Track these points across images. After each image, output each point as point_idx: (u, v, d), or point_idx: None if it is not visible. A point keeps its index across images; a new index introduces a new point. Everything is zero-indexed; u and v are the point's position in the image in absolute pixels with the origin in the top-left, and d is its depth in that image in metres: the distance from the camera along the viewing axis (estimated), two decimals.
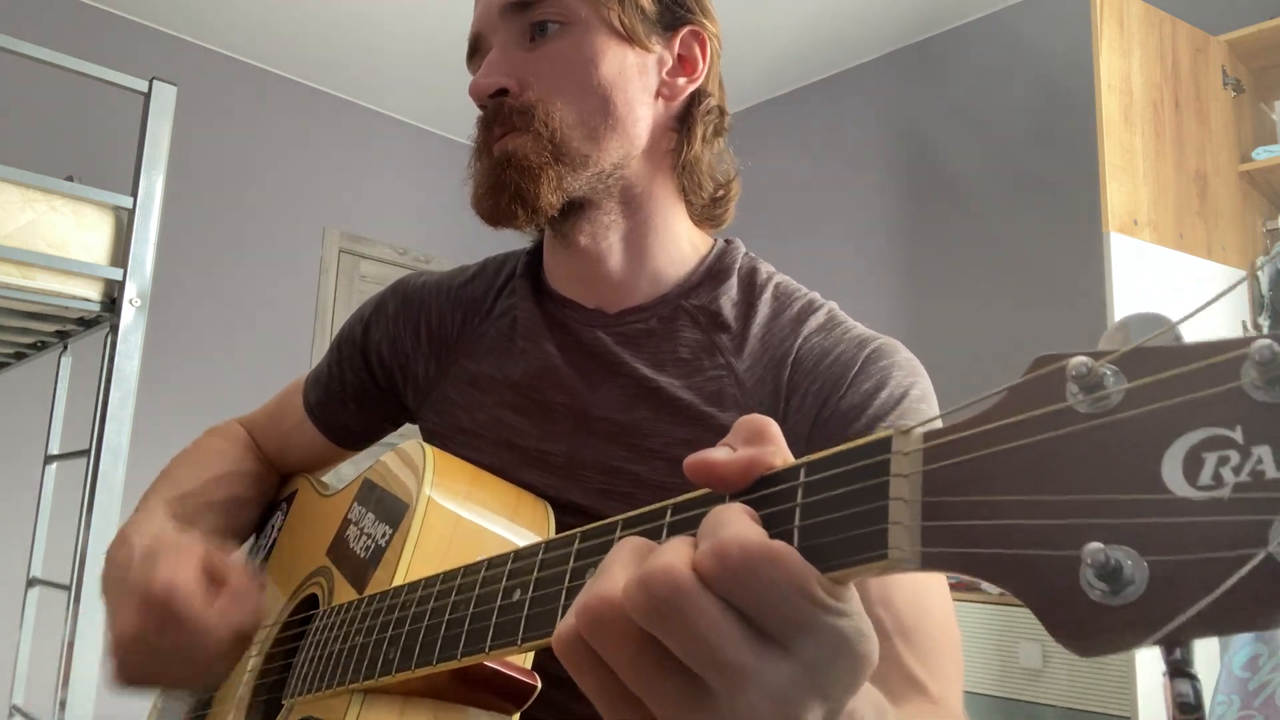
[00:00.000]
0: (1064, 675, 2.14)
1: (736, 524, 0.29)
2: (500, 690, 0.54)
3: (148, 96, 1.77)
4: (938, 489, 0.27)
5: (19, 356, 2.23)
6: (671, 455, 0.67)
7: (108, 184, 1.78)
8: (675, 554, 0.29)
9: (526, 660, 0.57)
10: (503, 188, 0.67)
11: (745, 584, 0.28)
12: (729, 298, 0.72)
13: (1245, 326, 2.22)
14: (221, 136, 3.53)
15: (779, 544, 0.28)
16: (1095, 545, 0.23)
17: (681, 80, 0.72)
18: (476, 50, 0.73)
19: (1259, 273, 2.23)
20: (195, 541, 0.68)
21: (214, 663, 0.64)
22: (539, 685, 0.55)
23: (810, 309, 0.72)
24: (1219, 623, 0.21)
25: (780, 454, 0.33)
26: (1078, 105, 2.70)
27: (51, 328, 1.94)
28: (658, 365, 0.70)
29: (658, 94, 0.71)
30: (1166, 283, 2.13)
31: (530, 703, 0.55)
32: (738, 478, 0.33)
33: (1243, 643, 1.51)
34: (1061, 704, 2.14)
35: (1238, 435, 0.22)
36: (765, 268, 0.76)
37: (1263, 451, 0.21)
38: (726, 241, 0.78)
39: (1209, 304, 0.24)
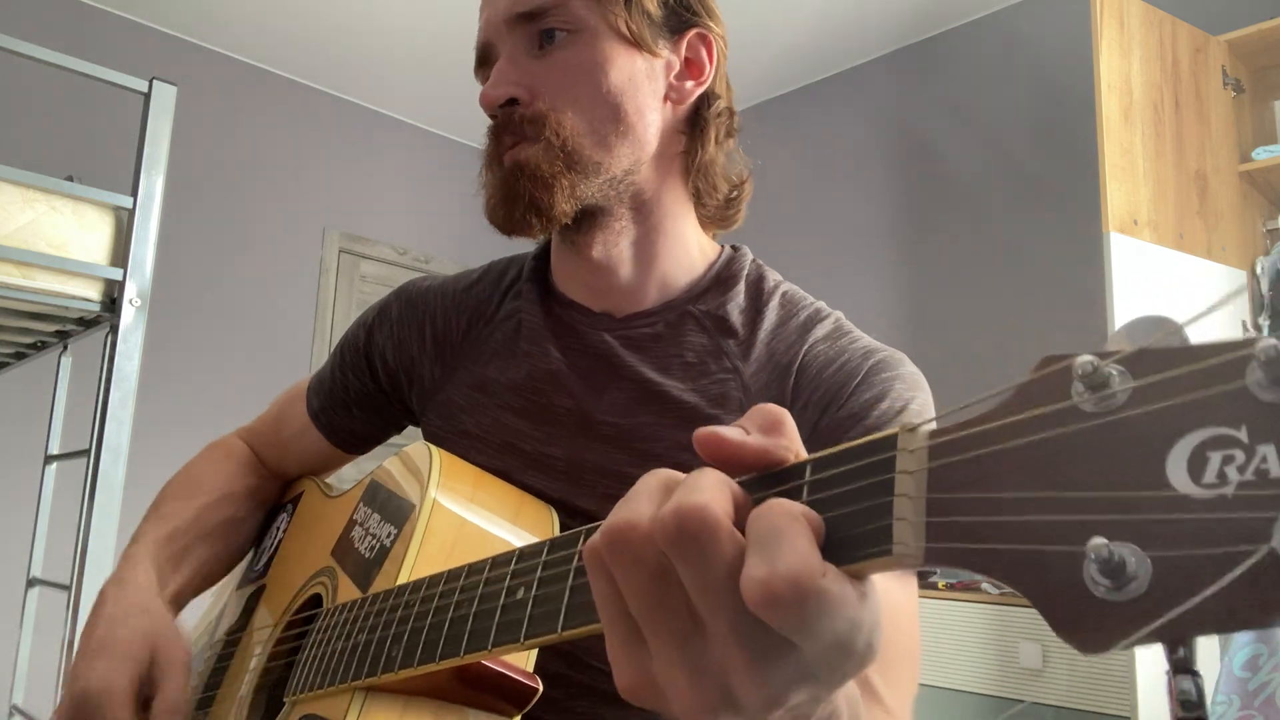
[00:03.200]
0: (1064, 675, 2.14)
1: (783, 504, 0.30)
2: (502, 692, 0.54)
3: (148, 96, 1.77)
4: (942, 485, 0.27)
5: (19, 356, 2.23)
6: (675, 459, 0.66)
7: (108, 184, 1.78)
8: (715, 492, 0.30)
9: (529, 663, 0.57)
10: (517, 198, 0.67)
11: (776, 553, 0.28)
12: (736, 304, 0.73)
13: (1245, 326, 2.23)
14: (221, 136, 3.53)
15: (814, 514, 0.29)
16: (1099, 540, 0.23)
17: (689, 84, 0.72)
18: (485, 60, 0.73)
19: (1259, 273, 2.24)
20: (151, 633, 0.68)
21: None
22: (540, 688, 0.55)
23: (817, 317, 0.72)
24: (1222, 619, 0.21)
25: (793, 450, 0.33)
26: (1078, 105, 2.70)
27: (51, 328, 1.94)
28: (663, 369, 0.70)
29: (666, 98, 0.71)
30: (1166, 283, 2.13)
31: (531, 705, 0.55)
32: (746, 462, 0.33)
33: (1243, 643, 1.51)
34: (1061, 704, 2.14)
35: (1243, 435, 0.22)
36: (772, 275, 0.77)
37: (1267, 450, 0.21)
38: (734, 248, 0.78)
39: (1214, 308, 0.24)
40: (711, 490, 0.30)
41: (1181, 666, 0.22)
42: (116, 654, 0.66)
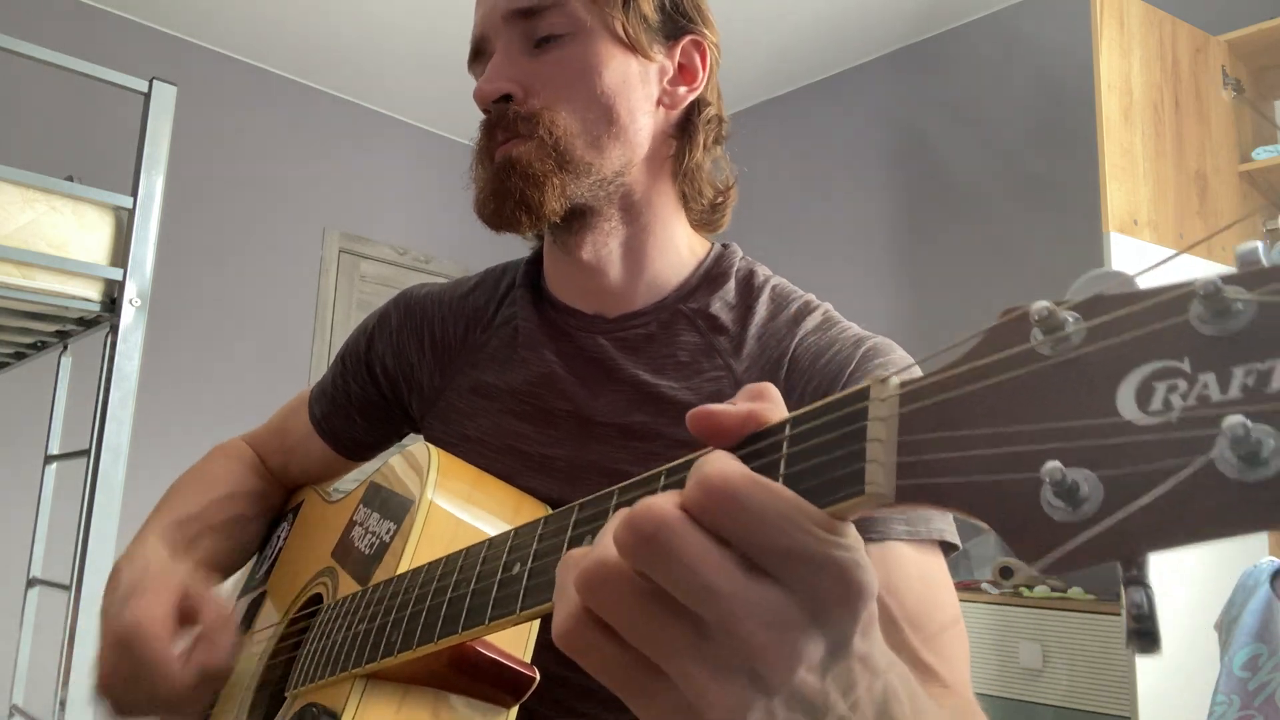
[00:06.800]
0: (1064, 675, 2.14)
1: (720, 460, 0.30)
2: (499, 681, 0.54)
3: (148, 96, 1.78)
4: (912, 429, 0.29)
5: (19, 356, 2.23)
6: (672, 457, 0.67)
7: (108, 184, 1.78)
8: (660, 496, 0.30)
9: (527, 654, 0.57)
10: (507, 194, 0.67)
11: (731, 514, 0.29)
12: (726, 301, 0.73)
13: None
14: (221, 136, 3.53)
15: (762, 476, 0.30)
16: (1054, 464, 0.24)
17: (682, 89, 0.72)
18: (480, 53, 0.73)
19: None
20: (177, 575, 0.68)
21: (178, 704, 0.64)
22: (537, 677, 0.55)
23: (807, 310, 0.72)
24: (1169, 532, 0.23)
25: (777, 411, 0.34)
26: (1078, 105, 2.70)
27: (51, 328, 1.94)
28: (657, 370, 0.71)
29: (659, 102, 0.72)
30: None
31: (529, 695, 0.55)
32: (735, 428, 0.34)
33: (1243, 642, 1.50)
34: (1061, 704, 2.14)
35: (1185, 365, 0.24)
36: (762, 270, 0.77)
37: (1208, 378, 0.23)
38: (724, 245, 0.79)
39: (1172, 257, 0.26)
40: (659, 496, 0.30)
41: (1133, 580, 0.23)
42: (148, 594, 0.65)
